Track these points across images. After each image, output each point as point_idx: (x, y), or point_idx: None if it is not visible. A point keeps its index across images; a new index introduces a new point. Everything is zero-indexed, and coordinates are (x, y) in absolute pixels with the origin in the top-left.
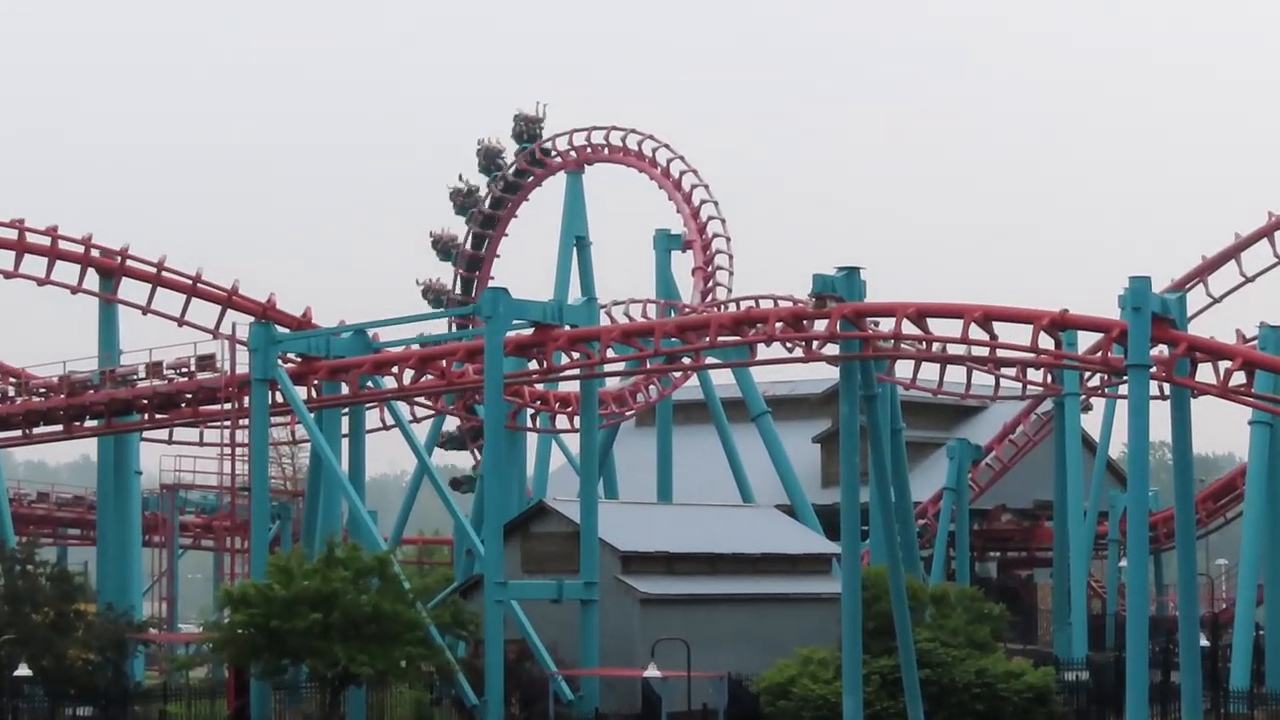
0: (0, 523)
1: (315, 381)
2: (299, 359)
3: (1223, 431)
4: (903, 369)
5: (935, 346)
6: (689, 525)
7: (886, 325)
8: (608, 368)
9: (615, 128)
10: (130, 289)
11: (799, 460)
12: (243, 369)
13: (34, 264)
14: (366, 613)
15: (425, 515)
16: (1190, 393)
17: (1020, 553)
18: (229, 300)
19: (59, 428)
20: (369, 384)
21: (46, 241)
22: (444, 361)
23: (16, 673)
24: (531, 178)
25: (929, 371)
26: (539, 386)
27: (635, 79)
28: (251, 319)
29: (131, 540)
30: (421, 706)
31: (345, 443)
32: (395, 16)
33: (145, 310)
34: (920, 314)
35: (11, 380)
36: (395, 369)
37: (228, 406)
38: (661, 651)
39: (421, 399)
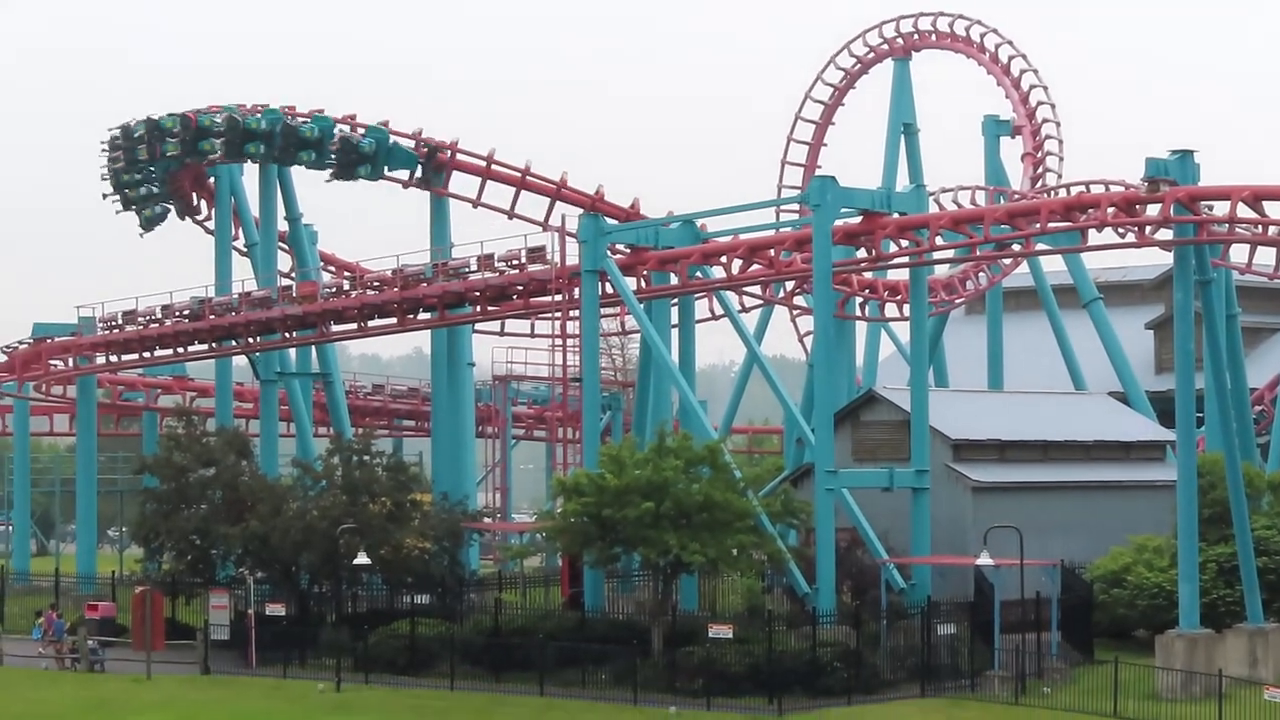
0: (337, 415)
1: (644, 272)
2: (628, 250)
3: None
4: (1238, 253)
5: (1272, 230)
6: (1020, 412)
7: (1221, 209)
8: (937, 255)
9: (943, 13)
10: (460, 182)
11: (1131, 347)
12: (572, 261)
13: None
14: (698, 501)
15: (754, 405)
16: None
17: None
18: (558, 193)
19: (393, 321)
20: (697, 274)
21: None
22: (772, 251)
23: (355, 561)
24: (859, 65)
25: (1265, 255)
26: (867, 275)
27: None
28: (580, 211)
29: (465, 431)
30: (753, 594)
31: (675, 333)
32: None
33: (475, 203)
34: (1256, 197)
35: (346, 274)
36: (724, 259)
37: (558, 298)
38: (994, 539)
39: (750, 288)
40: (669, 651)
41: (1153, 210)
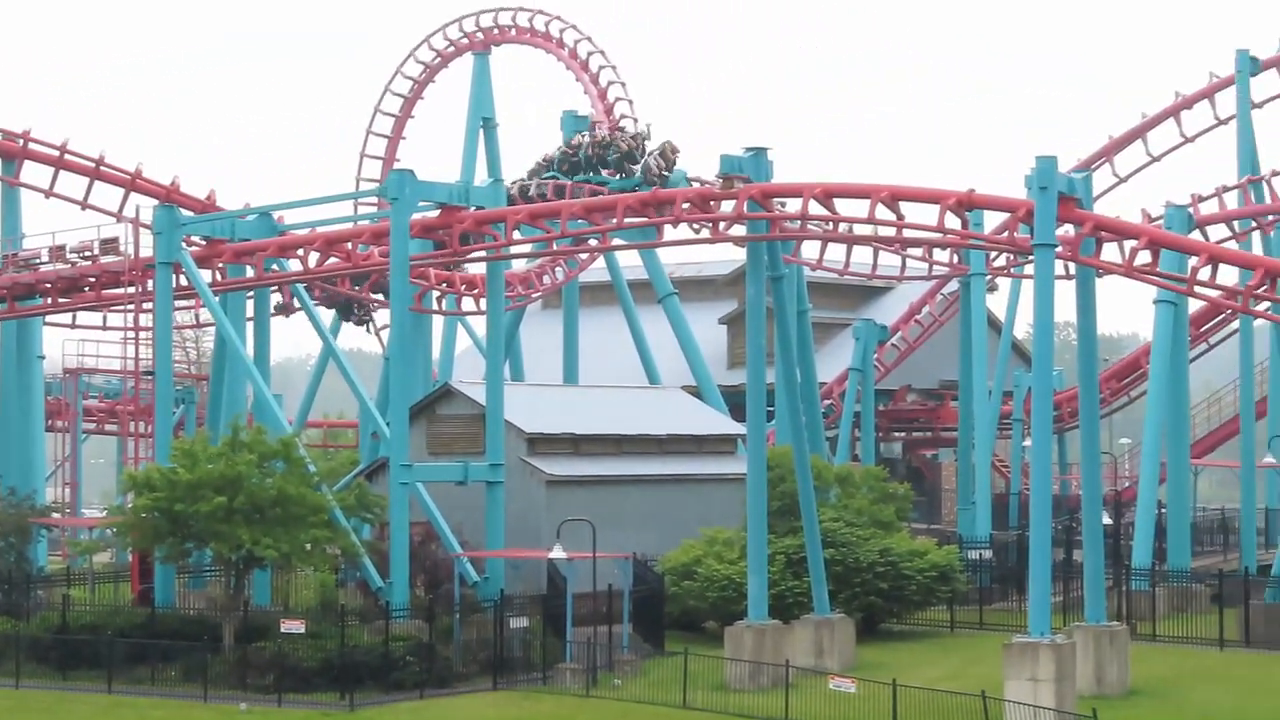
0: None
1: (220, 264)
2: (204, 242)
3: (1127, 311)
4: (809, 249)
5: (842, 227)
6: (595, 407)
7: (794, 206)
8: (514, 249)
9: (522, 8)
10: (32, 172)
11: (705, 341)
12: (147, 252)
13: None
14: (271, 496)
15: (330, 398)
16: (1095, 272)
17: (925, 433)
18: (132, 183)
19: None
20: (274, 267)
21: None
22: (349, 244)
23: None
24: (438, 59)
25: (835, 252)
26: (445, 269)
27: None
28: (155, 202)
29: (34, 425)
30: (326, 589)
31: (250, 326)
32: None
33: (48, 194)
34: (827, 194)
35: None
36: (300, 252)
37: (131, 290)
38: (567, 532)
39: (326, 282)
40: (240, 647)
41: (727, 207)
